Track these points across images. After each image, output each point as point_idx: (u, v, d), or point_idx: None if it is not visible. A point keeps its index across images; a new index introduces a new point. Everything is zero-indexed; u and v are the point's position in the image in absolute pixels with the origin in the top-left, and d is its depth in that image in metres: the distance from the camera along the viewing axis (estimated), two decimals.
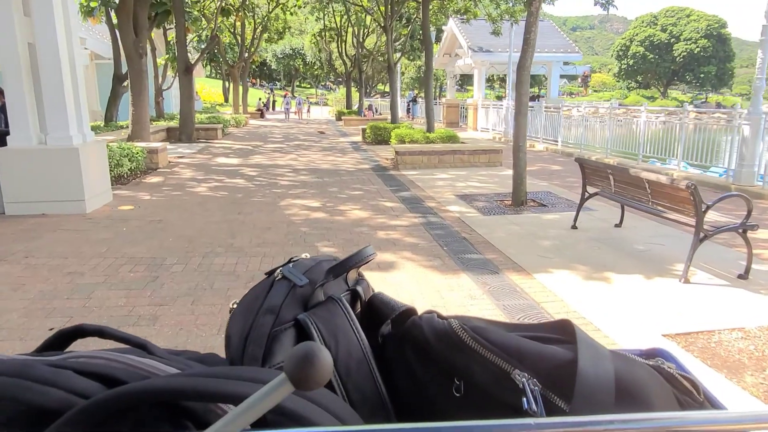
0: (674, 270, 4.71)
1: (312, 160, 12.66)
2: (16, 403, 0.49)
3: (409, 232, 6.05)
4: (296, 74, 71.19)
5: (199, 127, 17.50)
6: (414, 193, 8.58)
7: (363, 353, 0.75)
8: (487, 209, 7.37)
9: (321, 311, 0.77)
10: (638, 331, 3.49)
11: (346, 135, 20.82)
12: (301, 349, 0.41)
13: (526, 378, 0.61)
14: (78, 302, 3.79)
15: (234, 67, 27.15)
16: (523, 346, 0.64)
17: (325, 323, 0.74)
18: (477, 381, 0.67)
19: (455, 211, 7.24)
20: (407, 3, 18.35)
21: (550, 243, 5.62)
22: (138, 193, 8.09)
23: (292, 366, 0.41)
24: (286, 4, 28.63)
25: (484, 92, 22.04)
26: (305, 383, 0.41)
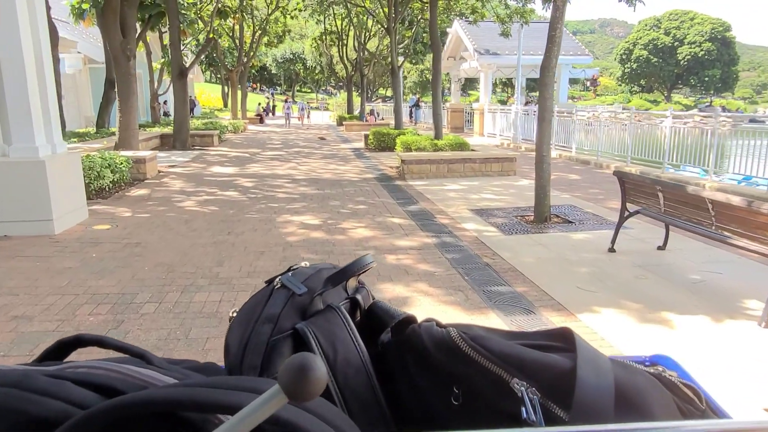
0: (746, 308, 3.91)
1: (312, 169, 11.90)
2: (15, 413, 0.49)
3: (422, 257, 5.27)
4: (297, 79, 70.55)
5: (194, 134, 16.75)
6: (423, 206, 7.80)
7: (361, 362, 0.74)
8: (507, 227, 6.59)
9: (319, 320, 0.75)
10: (730, 403, 2.70)
11: (347, 141, 20.07)
12: (295, 361, 0.41)
13: (525, 387, 0.61)
14: (15, 360, 3.01)
15: (233, 71, 26.43)
16: (523, 355, 0.63)
17: (323, 332, 0.73)
18: (476, 390, 0.67)
19: (472, 229, 6.46)
20: (411, 3, 17.62)
21: (588, 270, 4.84)
22: (118, 208, 7.31)
23: (286, 377, 0.41)
24: (286, 8, 27.96)
25: (490, 96, 21.29)
26: (299, 395, 0.41)
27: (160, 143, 16.50)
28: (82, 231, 6.01)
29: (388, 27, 16.22)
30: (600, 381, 0.58)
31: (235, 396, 0.49)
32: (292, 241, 5.76)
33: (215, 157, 14.13)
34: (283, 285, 0.81)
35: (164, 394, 0.50)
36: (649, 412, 0.58)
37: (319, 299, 0.80)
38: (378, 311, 0.86)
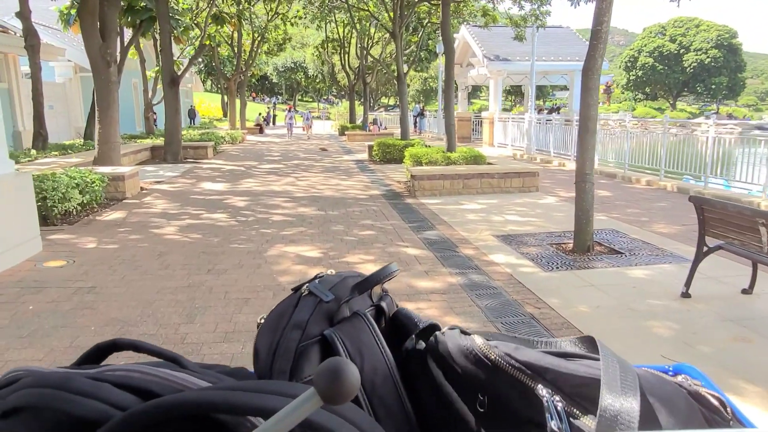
0: None
1: (313, 185, 10.82)
2: (59, 413, 0.51)
3: (449, 305, 4.17)
4: (298, 88, 69.73)
5: (186, 146, 15.71)
6: (441, 232, 6.71)
7: (388, 368, 0.75)
8: (544, 260, 5.49)
9: (347, 327, 0.76)
10: None
11: (350, 152, 19.02)
12: (330, 365, 0.42)
13: (550, 394, 0.61)
14: None
15: (231, 80, 25.45)
16: (547, 362, 0.63)
17: (350, 339, 0.74)
18: (501, 397, 0.67)
19: (503, 263, 5.36)
20: (418, 7, 16.62)
21: (665, 327, 3.73)
22: (83, 238, 6.23)
23: (321, 381, 0.42)
24: (286, 15, 27.03)
25: (500, 104, 20.24)
26: (334, 398, 0.42)
27: (150, 156, 15.48)
28: (29, 270, 4.92)
29: (394, 31, 15.21)
30: (626, 389, 0.57)
31: (268, 399, 0.50)
32: (285, 283, 4.66)
33: (207, 171, 13.07)
34: (310, 292, 0.81)
35: (199, 396, 0.51)
36: (675, 422, 0.57)
37: (346, 306, 0.79)
38: (402, 318, 0.85)
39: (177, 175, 12.11)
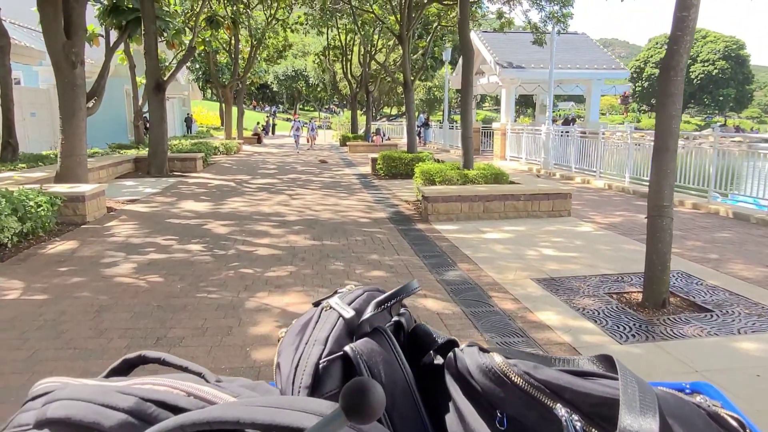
0: None
1: (308, 205, 9.48)
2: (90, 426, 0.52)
3: None
4: (299, 97, 68.63)
5: (173, 157, 14.39)
6: (466, 273, 5.35)
7: (408, 385, 0.75)
8: (610, 320, 4.14)
9: (367, 343, 0.75)
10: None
11: (352, 165, 17.70)
12: (356, 385, 0.43)
13: (569, 414, 0.61)
14: None
15: (227, 87, 24.18)
16: (566, 382, 0.62)
17: (371, 355, 0.73)
18: (519, 415, 0.66)
19: (556, 325, 4.01)
20: (427, 9, 15.36)
21: None
22: (8, 282, 4.86)
23: (348, 400, 0.43)
24: (286, 21, 25.83)
25: (513, 114, 18.94)
26: (360, 417, 0.43)
27: (134, 168, 14.16)
28: None
29: (401, 34, 13.94)
30: (645, 409, 0.56)
31: (293, 416, 0.51)
32: (262, 363, 3.30)
33: (192, 186, 11.72)
34: (331, 307, 0.81)
35: (225, 412, 0.52)
36: None
37: (366, 322, 0.78)
38: (421, 334, 0.84)
39: (157, 191, 10.77)
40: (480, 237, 7.02)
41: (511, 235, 7.10)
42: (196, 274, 5.18)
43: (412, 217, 8.42)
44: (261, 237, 6.85)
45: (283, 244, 6.48)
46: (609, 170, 12.18)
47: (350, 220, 8.08)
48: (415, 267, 5.59)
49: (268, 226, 7.57)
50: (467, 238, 6.93)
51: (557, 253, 6.14)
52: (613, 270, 5.47)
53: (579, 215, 8.54)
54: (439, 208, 8.04)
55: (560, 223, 7.87)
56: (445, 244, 6.63)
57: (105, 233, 6.84)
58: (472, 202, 8.13)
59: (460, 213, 8.12)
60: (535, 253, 6.14)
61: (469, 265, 5.68)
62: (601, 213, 8.77)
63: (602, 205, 9.54)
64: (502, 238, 6.92)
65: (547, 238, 6.95)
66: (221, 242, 6.52)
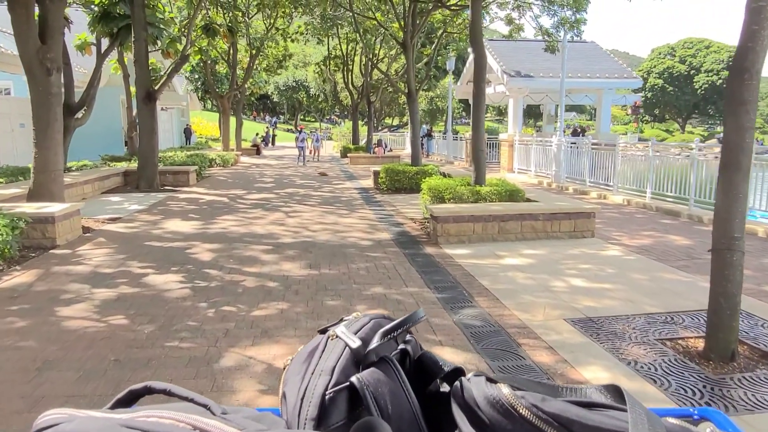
0: None
1: (306, 224, 8.71)
2: None
3: None
4: (300, 107, 68.12)
5: (165, 170, 13.65)
6: (487, 311, 4.57)
7: (414, 415, 0.75)
8: (669, 377, 3.37)
9: (374, 373, 0.74)
10: None
11: (353, 177, 16.95)
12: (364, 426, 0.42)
13: None
14: None
15: (224, 97, 23.50)
16: (574, 415, 0.61)
17: (377, 386, 0.73)
18: None
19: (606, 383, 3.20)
20: (431, 16, 14.68)
21: None
22: None
23: None
24: (286, 30, 25.22)
25: (521, 125, 18.20)
26: None
27: (123, 182, 13.42)
28: None
29: (405, 41, 13.24)
30: None
31: None
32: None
33: (183, 202, 10.96)
34: (337, 336, 0.78)
35: None
36: None
37: (373, 352, 0.76)
38: (427, 362, 0.83)
39: (143, 208, 10.00)
40: (497, 263, 6.24)
41: (531, 261, 6.31)
42: (170, 314, 4.39)
43: (420, 238, 7.64)
44: (250, 264, 6.07)
45: (275, 273, 5.70)
46: (627, 184, 11.40)
47: (351, 243, 7.31)
48: (427, 303, 4.81)
49: (260, 250, 6.79)
50: (483, 265, 6.15)
51: (588, 284, 5.35)
52: (658, 307, 4.68)
53: (603, 236, 7.76)
54: (449, 229, 7.27)
55: (584, 246, 7.08)
56: (458, 272, 5.84)
57: (73, 260, 6.06)
58: (485, 222, 7.36)
59: (473, 234, 7.34)
60: (562, 285, 5.35)
61: (489, 300, 4.89)
62: (627, 233, 7.99)
63: (625, 224, 8.76)
64: (522, 265, 6.14)
65: (573, 264, 6.17)
66: (204, 270, 5.74)
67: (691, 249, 6.94)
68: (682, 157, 9.93)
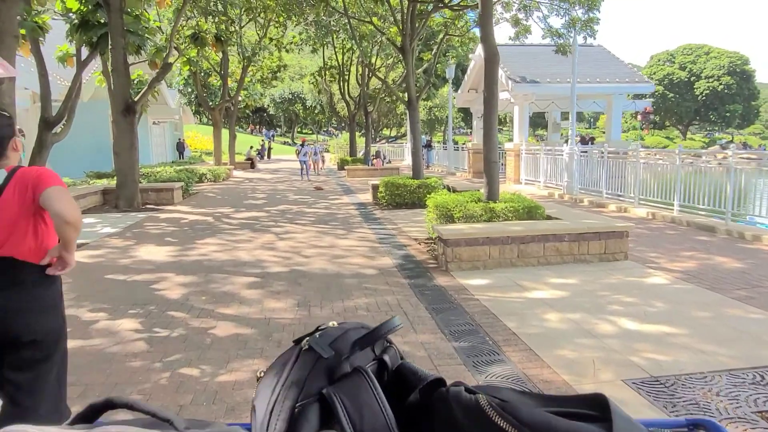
0: None
1: (298, 247, 7.71)
2: None
3: None
4: (297, 120, 67.38)
5: (147, 188, 12.67)
6: (519, 369, 3.56)
7: (389, 429, 0.70)
8: None
9: (346, 385, 0.71)
10: None
11: (350, 192, 15.98)
12: None
13: None
14: None
15: (215, 109, 22.60)
16: (554, 425, 0.59)
17: (350, 397, 0.70)
18: None
19: None
20: (431, 19, 13.78)
21: None
22: None
23: None
24: (280, 41, 24.37)
25: (527, 134, 17.26)
26: None
27: (101, 201, 12.44)
28: None
29: (403, 46, 12.32)
30: None
31: None
32: None
33: (162, 223, 9.96)
34: (310, 347, 0.75)
35: None
36: None
37: (347, 362, 0.73)
38: (406, 372, 0.80)
39: (116, 231, 9.00)
40: (521, 297, 5.23)
41: (562, 293, 5.30)
42: (110, 381, 3.38)
43: (427, 264, 6.64)
44: (227, 303, 5.05)
45: (254, 316, 4.68)
46: (651, 196, 10.42)
47: (349, 271, 6.29)
48: (443, 356, 3.79)
49: (241, 283, 5.78)
50: (505, 300, 5.14)
51: (641, 326, 4.34)
52: (739, 360, 3.67)
53: (637, 258, 6.75)
54: (461, 254, 6.27)
55: (620, 272, 6.07)
56: (476, 309, 4.83)
57: None
58: (503, 245, 6.36)
59: (489, 260, 6.34)
60: (608, 327, 4.34)
61: (520, 351, 3.88)
62: (664, 254, 6.98)
63: (658, 242, 7.76)
64: (553, 299, 5.13)
65: (614, 297, 5.16)
66: (168, 314, 4.72)
67: (747, 274, 5.93)
68: (715, 165, 8.95)
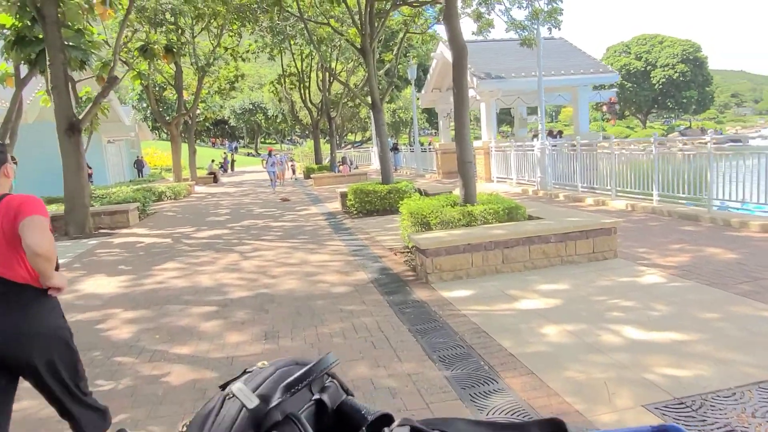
0: None
1: (264, 267, 7.11)
2: None
3: None
4: (259, 130, 66.24)
5: (99, 211, 11.85)
6: (522, 398, 3.08)
7: None
8: None
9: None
10: None
11: (318, 201, 15.39)
12: None
13: None
14: None
15: (171, 123, 21.72)
16: None
17: None
18: None
19: None
20: (390, 18, 13.32)
21: None
22: None
23: None
24: (236, 50, 23.62)
25: (495, 131, 16.95)
26: None
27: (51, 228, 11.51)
28: None
29: (363, 46, 11.83)
30: None
31: None
32: None
33: (116, 249, 9.21)
34: (234, 395, 0.67)
35: None
36: None
37: (276, 409, 0.65)
38: (348, 411, 0.72)
39: (64, 262, 8.20)
40: (512, 308, 4.76)
41: (555, 301, 4.85)
42: None
43: (405, 276, 6.13)
44: (184, 340, 4.44)
45: (215, 354, 4.09)
46: (628, 187, 10.14)
47: (321, 291, 5.74)
48: (434, 390, 3.28)
49: (201, 314, 5.17)
50: (495, 313, 4.66)
51: (648, 335, 3.90)
52: (764, 369, 3.26)
53: (626, 255, 6.37)
54: (441, 264, 5.77)
55: (612, 272, 5.67)
56: (465, 327, 4.34)
57: None
58: (486, 251, 5.89)
59: (471, 268, 5.86)
60: (613, 339, 3.89)
61: (521, 376, 3.39)
62: (653, 249, 6.63)
63: (644, 236, 7.42)
64: (547, 309, 4.67)
65: (611, 301, 4.73)
66: (115, 360, 4.09)
67: (743, 265, 5.59)
68: (693, 153, 8.68)
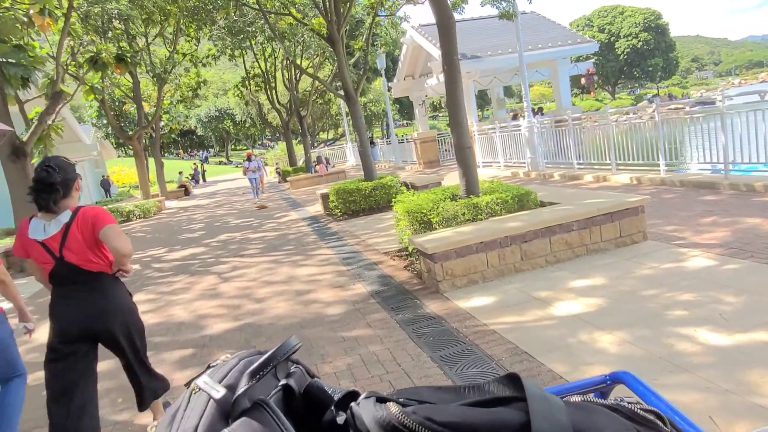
0: None
1: (248, 289, 6.22)
2: None
3: None
4: (228, 137, 64.72)
5: None
6: None
7: None
8: None
9: (246, 424, 0.63)
10: None
11: (298, 205, 14.47)
12: None
13: None
14: None
15: (134, 138, 20.51)
16: (471, 420, 0.58)
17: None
18: None
19: None
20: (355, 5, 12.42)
21: None
22: None
23: None
24: (195, 55, 22.44)
25: (476, 114, 16.19)
26: None
27: (6, 265, 10.43)
28: None
29: (331, 34, 10.93)
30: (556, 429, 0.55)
31: None
32: None
33: None
34: (200, 388, 0.68)
35: None
36: None
37: (244, 397, 0.65)
38: (315, 392, 0.73)
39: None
40: (548, 316, 3.97)
41: (597, 301, 4.08)
42: None
43: (411, 285, 5.30)
44: None
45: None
46: (630, 159, 9.45)
47: (315, 314, 4.89)
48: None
49: (173, 361, 4.28)
50: (530, 326, 3.86)
51: (732, 338, 3.14)
52: None
53: (656, 236, 5.63)
54: (453, 269, 4.96)
55: (648, 258, 4.92)
56: (501, 349, 3.53)
57: None
58: (502, 248, 5.09)
59: (487, 269, 5.06)
60: (690, 347, 3.12)
61: None
62: (684, 225, 5.91)
63: (665, 211, 6.71)
64: (590, 313, 3.89)
65: (664, 295, 3.96)
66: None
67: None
68: (702, 117, 8.00)
